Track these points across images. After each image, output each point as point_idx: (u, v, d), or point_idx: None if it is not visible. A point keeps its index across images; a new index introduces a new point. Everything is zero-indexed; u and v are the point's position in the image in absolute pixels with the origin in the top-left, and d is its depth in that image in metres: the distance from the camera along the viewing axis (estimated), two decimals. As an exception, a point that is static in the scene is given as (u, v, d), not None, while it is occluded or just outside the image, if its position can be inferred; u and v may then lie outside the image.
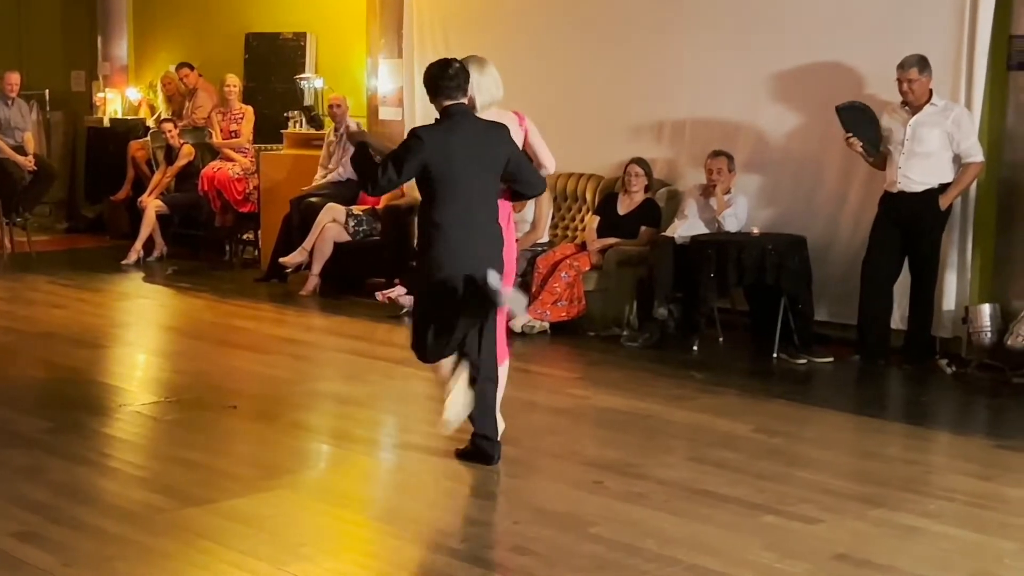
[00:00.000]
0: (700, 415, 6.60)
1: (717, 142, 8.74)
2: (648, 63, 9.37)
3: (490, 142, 5.52)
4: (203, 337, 8.62)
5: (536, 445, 6.06)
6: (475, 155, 5.45)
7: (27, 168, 12.13)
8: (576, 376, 7.84)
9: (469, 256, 5.37)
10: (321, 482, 5.64)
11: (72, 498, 5.17)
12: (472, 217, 5.43)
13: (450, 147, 5.40)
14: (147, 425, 6.41)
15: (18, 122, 12.27)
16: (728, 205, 8.46)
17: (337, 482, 5.62)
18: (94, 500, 5.21)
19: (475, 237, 5.43)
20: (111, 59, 14.27)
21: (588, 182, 9.65)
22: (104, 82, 14.22)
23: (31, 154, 12.23)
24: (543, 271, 8.84)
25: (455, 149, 5.40)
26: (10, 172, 12.06)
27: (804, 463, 5.79)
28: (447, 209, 5.40)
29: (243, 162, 11.96)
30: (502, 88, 5.93)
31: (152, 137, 12.89)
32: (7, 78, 12.24)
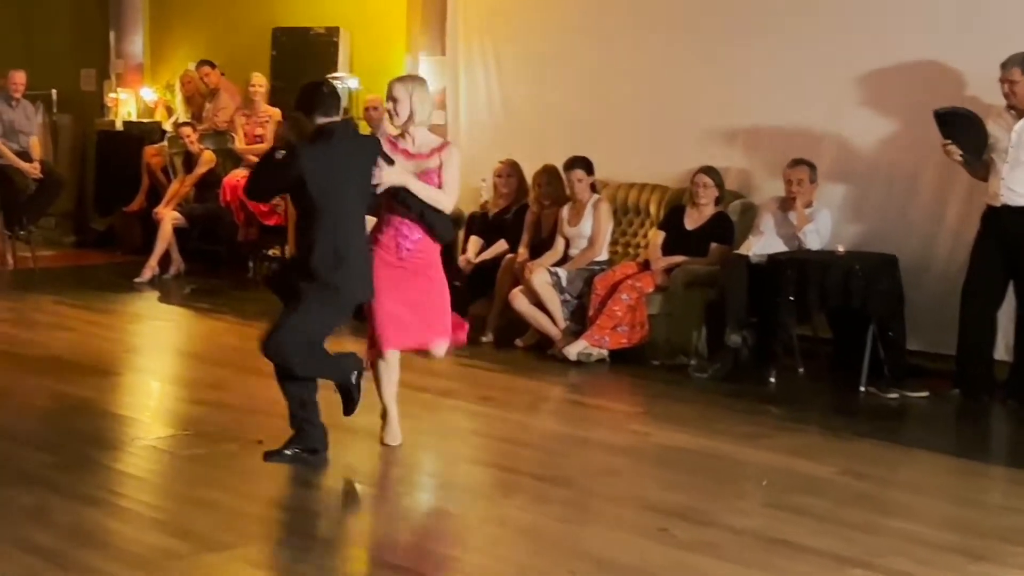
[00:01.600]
0: (778, 455, 6.57)
1: (797, 150, 8.72)
2: (719, 64, 9.37)
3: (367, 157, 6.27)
4: (225, 363, 8.67)
5: (592, 487, 6.06)
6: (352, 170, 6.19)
7: (32, 176, 12.28)
8: (637, 410, 7.82)
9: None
10: (355, 526, 5.66)
11: (80, 542, 5.21)
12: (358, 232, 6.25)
13: (331, 162, 6.10)
14: (162, 461, 6.46)
15: (23, 125, 12.42)
16: (809, 220, 8.43)
17: (372, 526, 5.64)
18: (104, 544, 5.24)
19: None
20: (125, 56, 14.44)
21: (652, 194, 9.65)
22: (117, 81, 14.38)
23: (37, 160, 12.38)
24: (601, 293, 8.84)
25: (335, 165, 6.11)
26: (14, 180, 12.21)
27: (896, 510, 5.75)
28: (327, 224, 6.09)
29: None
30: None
31: (169, 142, 13.01)
32: (11, 77, 12.39)
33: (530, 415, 7.63)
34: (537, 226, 9.53)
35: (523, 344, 9.21)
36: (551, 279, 8.99)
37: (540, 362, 8.78)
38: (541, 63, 10.49)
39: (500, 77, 10.77)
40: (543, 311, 8.98)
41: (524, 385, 8.24)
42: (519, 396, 7.99)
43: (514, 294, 9.08)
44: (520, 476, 6.18)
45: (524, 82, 10.67)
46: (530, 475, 6.18)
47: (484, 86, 10.88)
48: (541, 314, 8.98)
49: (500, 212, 9.87)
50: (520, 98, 10.71)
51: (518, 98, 10.72)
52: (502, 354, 9.03)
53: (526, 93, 10.66)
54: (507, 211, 9.82)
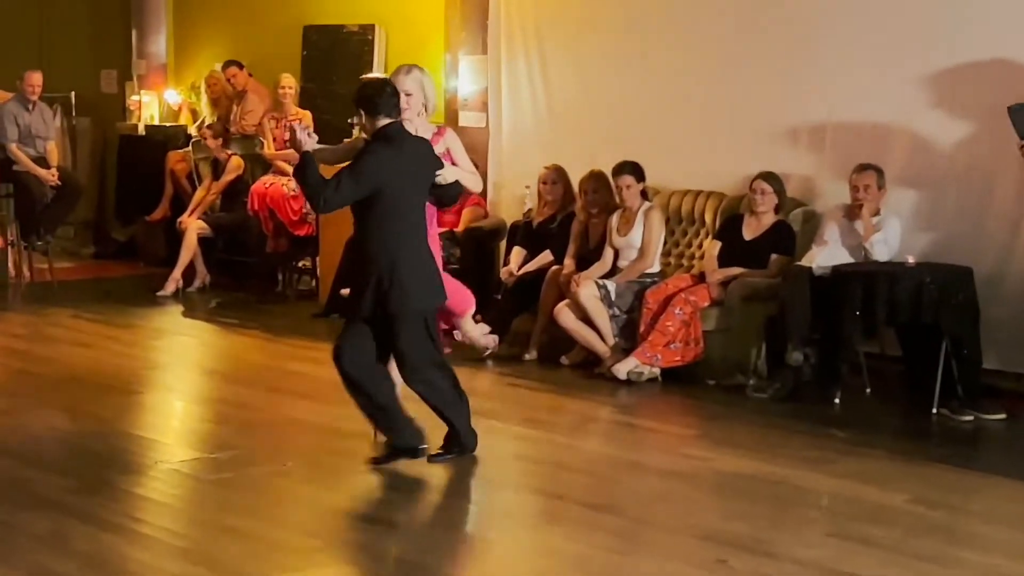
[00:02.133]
0: (843, 481, 6.53)
1: (864, 154, 8.67)
2: (779, 62, 9.34)
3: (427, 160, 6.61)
4: (252, 383, 8.70)
5: (645, 515, 6.04)
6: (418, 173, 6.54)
7: (49, 183, 12.35)
8: (692, 433, 7.79)
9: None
10: (391, 557, 5.65)
11: (99, 571, 5.22)
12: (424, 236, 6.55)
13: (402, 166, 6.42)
14: (186, 486, 6.48)
15: (40, 129, 12.50)
16: (877, 229, 8.38)
17: (409, 557, 5.63)
18: (124, 573, 5.25)
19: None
20: (147, 56, 14.53)
21: (707, 201, 9.62)
22: (139, 83, 14.47)
23: (54, 167, 12.46)
24: (653, 307, 8.82)
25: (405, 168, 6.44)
26: (30, 188, 12.29)
27: (970, 541, 5.71)
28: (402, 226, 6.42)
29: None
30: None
31: (194, 147, 13.09)
32: (28, 79, 12.46)
33: (577, 438, 7.61)
34: (584, 236, 9.51)
35: (569, 362, 9.19)
36: (599, 292, 8.97)
37: (587, 381, 8.76)
38: (589, 62, 10.48)
39: (545, 77, 10.76)
40: (591, 327, 8.96)
41: (570, 406, 8.23)
42: (565, 417, 7.98)
43: (560, 309, 9.07)
44: (567, 503, 6.17)
45: (570, 82, 10.66)
46: (578, 502, 6.17)
47: (528, 87, 10.87)
48: (588, 330, 8.96)
49: (545, 221, 9.86)
50: (566, 99, 10.69)
51: (564, 99, 10.70)
52: (547, 373, 9.01)
53: (573, 94, 10.65)
54: (552, 220, 9.81)
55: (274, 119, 12.36)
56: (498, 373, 9.04)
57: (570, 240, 9.51)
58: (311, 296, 11.87)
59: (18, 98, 12.43)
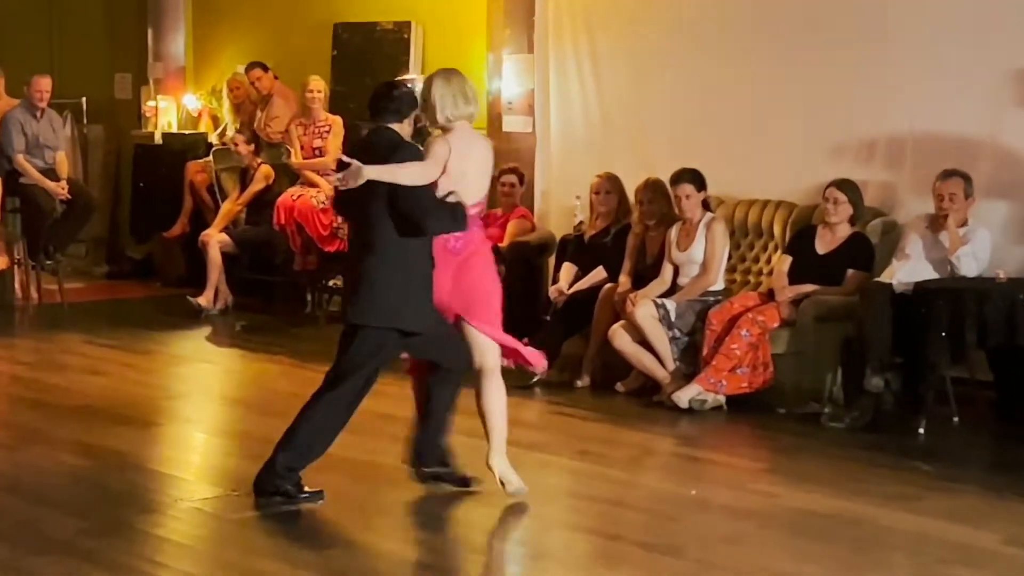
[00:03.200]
0: (930, 520, 6.49)
1: (949, 159, 8.65)
2: (853, 63, 9.36)
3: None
4: (279, 413, 8.67)
5: (710, 558, 6.01)
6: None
7: (59, 197, 12.43)
8: (762, 467, 7.76)
9: None
10: (431, 603, 5.65)
11: (116, 619, 5.26)
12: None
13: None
14: (209, 525, 6.50)
15: (49, 139, 12.58)
16: (964, 241, 8.35)
17: (452, 603, 5.64)
18: (143, 622, 5.29)
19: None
20: (164, 59, 14.63)
21: (777, 212, 9.60)
22: (156, 88, 14.57)
23: (64, 179, 12.54)
24: (717, 328, 8.80)
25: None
26: (38, 202, 12.37)
27: (1072, 587, 5.67)
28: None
29: (329, 188, 12.12)
30: (472, 103, 6.97)
31: (215, 157, 13.15)
32: (35, 84, 12.54)
33: (635, 472, 7.59)
34: (641, 251, 9.50)
35: (625, 389, 9.18)
36: (657, 312, 8.96)
37: (646, 410, 8.75)
38: (644, 61, 10.49)
39: (597, 78, 10.77)
40: (648, 350, 8.95)
41: (627, 437, 8.21)
42: (622, 450, 7.96)
43: (614, 330, 9.06)
44: (625, 544, 6.15)
45: (624, 83, 10.67)
46: (637, 543, 6.16)
47: (578, 89, 10.89)
48: (646, 353, 8.95)
49: (597, 235, 9.86)
50: (620, 102, 10.70)
51: (617, 102, 10.71)
52: (601, 400, 9.02)
53: (627, 96, 10.66)
54: (606, 233, 9.80)
55: (302, 125, 12.40)
56: (547, 401, 9.03)
57: (625, 255, 9.51)
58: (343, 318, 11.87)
59: (25, 105, 12.50)
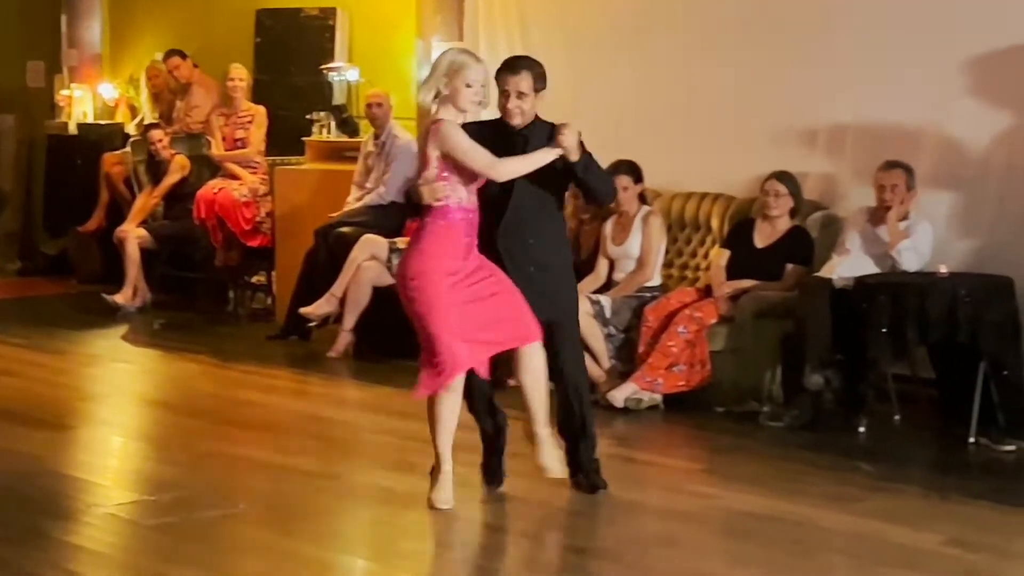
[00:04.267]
0: (870, 521, 6.51)
1: (891, 151, 8.70)
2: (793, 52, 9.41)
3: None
4: (200, 415, 8.68)
5: (645, 562, 6.02)
6: None
7: (-32, 190, 12.37)
8: (699, 468, 7.78)
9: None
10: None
11: (27, 630, 5.22)
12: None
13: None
14: (125, 532, 6.45)
15: (-44, 130, 12.52)
16: (906, 235, 8.40)
17: (378, 611, 5.63)
18: (55, 633, 5.25)
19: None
20: (79, 46, 14.53)
21: (714, 205, 9.64)
22: (70, 76, 14.47)
23: (-27, 172, 12.48)
24: (654, 325, 8.82)
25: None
26: (-54, 197, 12.31)
27: (1015, 588, 5.71)
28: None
29: (252, 180, 12.09)
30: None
31: (133, 148, 13.07)
32: (-57, 72, 12.48)
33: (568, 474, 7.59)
34: (575, 245, 9.51)
35: (559, 388, 9.20)
36: (592, 309, 8.97)
37: (580, 410, 8.74)
38: (579, 50, 10.50)
39: (529, 67, 10.76)
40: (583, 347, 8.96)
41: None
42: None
43: (548, 328, 9.06)
44: (557, 549, 6.18)
45: (558, 73, 10.58)
46: (569, 547, 6.18)
47: (511, 79, 10.87)
48: (581, 352, 8.97)
49: (531, 229, 9.86)
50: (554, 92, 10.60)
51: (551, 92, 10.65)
52: (534, 400, 9.00)
53: (561, 86, 10.57)
54: (539, 227, 9.80)
55: (223, 115, 12.35)
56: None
57: (559, 250, 9.51)
58: (266, 316, 11.86)
59: (-69, 94, 12.44)
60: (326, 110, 11.88)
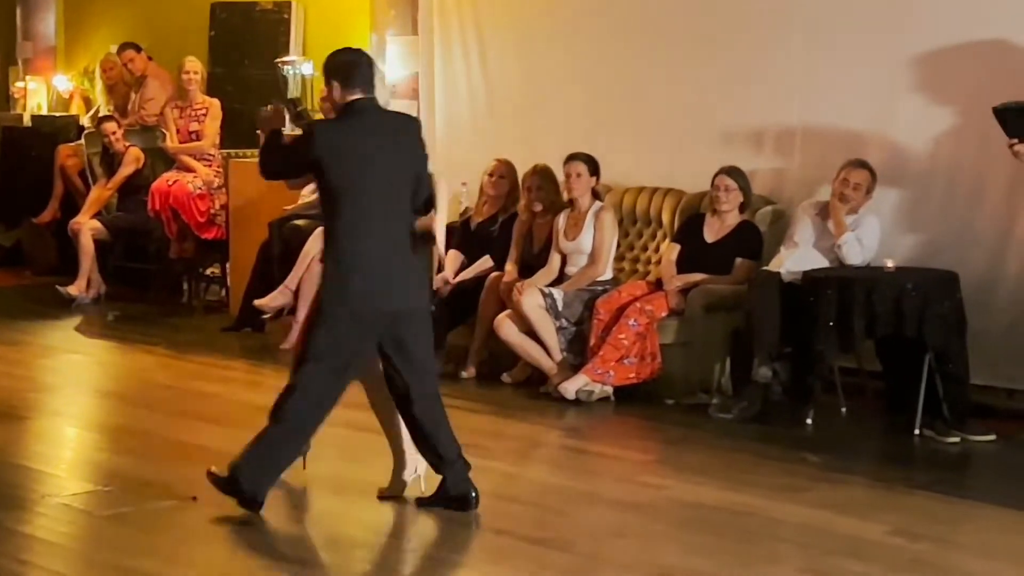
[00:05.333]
0: (817, 511, 6.56)
1: (840, 147, 8.75)
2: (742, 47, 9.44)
3: (410, 139, 6.40)
4: (153, 406, 8.66)
5: (597, 551, 6.05)
6: (394, 154, 6.28)
7: (-78, 181, 12.28)
8: (650, 459, 7.81)
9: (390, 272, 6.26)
10: (310, 600, 5.65)
11: (-19, 620, 5.20)
12: (392, 223, 6.29)
13: (363, 144, 6.23)
14: (79, 522, 6.44)
15: (-90, 121, 12.43)
16: (849, 228, 8.43)
17: (332, 600, 5.63)
18: (10, 622, 5.24)
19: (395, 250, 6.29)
20: (34, 38, 14.46)
21: (665, 199, 9.66)
22: (24, 68, 14.39)
23: (-73, 163, 12.39)
24: (605, 318, 8.84)
25: (369, 147, 6.23)
26: (-102, 187, 12.21)
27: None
28: (361, 213, 6.22)
29: (206, 173, 12.06)
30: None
31: (88, 140, 13.02)
32: None
33: (521, 465, 7.61)
34: (528, 239, 9.53)
35: (511, 380, 9.20)
36: (544, 302, 8.98)
37: (532, 402, 8.77)
38: (534, 45, 10.51)
39: (483, 62, 10.78)
40: (535, 340, 8.97)
41: (514, 429, 8.23)
42: (508, 442, 7.97)
43: (500, 320, 9.08)
44: (511, 539, 6.16)
45: (513, 68, 10.69)
46: (522, 537, 6.17)
47: (464, 73, 10.89)
48: (533, 344, 8.98)
49: (484, 222, 9.87)
50: (508, 87, 10.73)
51: (506, 87, 10.74)
52: (487, 392, 9.03)
53: (515, 81, 10.68)
54: (493, 221, 9.82)
55: (177, 108, 12.32)
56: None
57: (512, 243, 9.53)
58: (221, 307, 11.83)
59: None
60: (281, 103, 11.82)
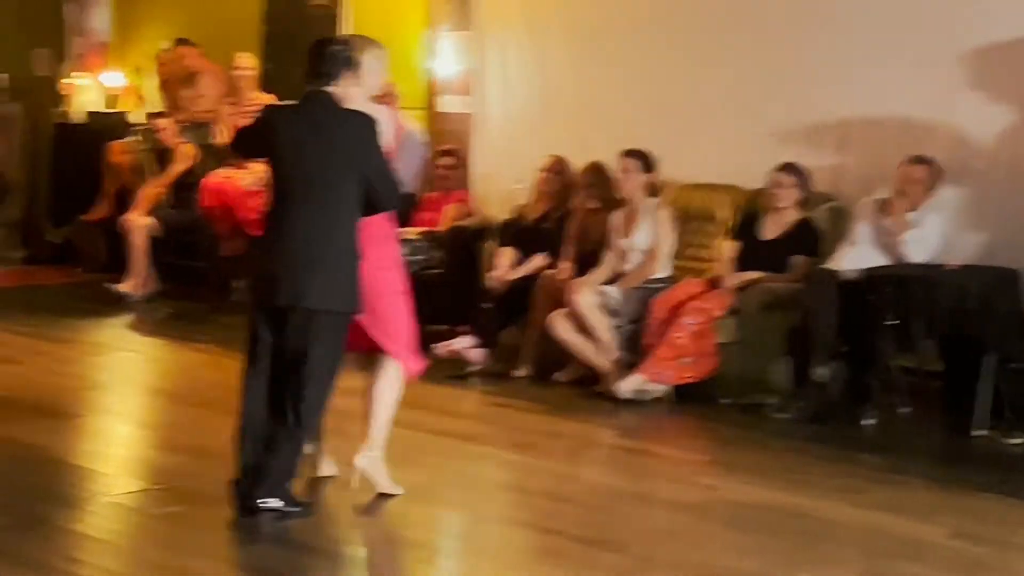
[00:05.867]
0: (875, 513, 6.56)
1: (900, 144, 8.74)
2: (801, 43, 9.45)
3: (347, 136, 6.34)
4: (205, 403, 8.70)
5: (650, 552, 6.06)
6: (326, 148, 6.27)
7: (-27, 178, 12.38)
8: (705, 459, 7.84)
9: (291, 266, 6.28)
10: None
11: (32, 617, 5.25)
12: (311, 219, 6.25)
13: (296, 134, 6.30)
14: (131, 521, 6.50)
15: (-38, 117, 12.53)
16: (911, 225, 8.41)
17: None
18: (61, 620, 5.29)
19: (306, 246, 6.25)
20: (86, 33, 14.52)
21: (722, 196, 9.65)
22: (76, 64, 14.47)
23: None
24: (661, 316, 8.84)
25: (301, 137, 6.28)
26: (-49, 185, 12.33)
27: (1019, 581, 5.75)
28: (284, 205, 6.33)
29: (258, 169, 12.10)
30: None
31: (140, 137, 13.08)
32: (-52, 60, 12.49)
33: (574, 465, 7.64)
34: (583, 236, 9.54)
35: (565, 379, 9.22)
36: (599, 300, 9.00)
37: (586, 401, 8.79)
38: (589, 40, 10.51)
39: (538, 58, 10.78)
40: (589, 339, 9.00)
41: (567, 429, 8.25)
42: (561, 442, 8.00)
43: (555, 318, 9.10)
44: (563, 539, 6.18)
45: (567, 65, 10.68)
46: (575, 538, 6.19)
47: (518, 69, 10.89)
48: (587, 343, 9.00)
49: (538, 219, 9.89)
50: (562, 84, 10.72)
51: (559, 84, 10.73)
52: (540, 391, 9.05)
53: (569, 78, 10.67)
54: (547, 218, 9.83)
55: (230, 104, 12.37)
56: (485, 392, 9.06)
57: (566, 241, 9.54)
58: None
59: (-64, 82, 12.46)
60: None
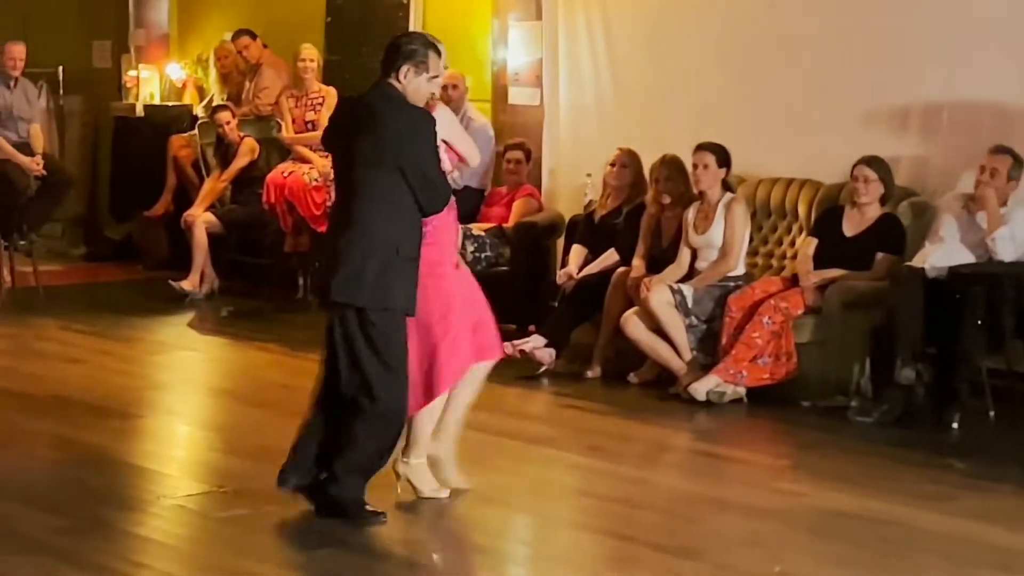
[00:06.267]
0: (964, 522, 6.51)
1: (987, 132, 8.66)
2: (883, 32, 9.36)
3: (396, 130, 6.43)
4: (267, 405, 8.73)
5: (729, 560, 6.02)
6: (370, 141, 6.37)
7: (34, 173, 12.41)
8: (784, 464, 7.78)
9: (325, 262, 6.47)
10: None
11: (93, 624, 5.26)
12: (344, 219, 6.34)
13: (348, 126, 6.47)
14: (193, 524, 6.52)
15: (23, 110, 12.55)
16: (1004, 221, 8.33)
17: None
18: (123, 627, 5.30)
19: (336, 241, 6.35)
20: (147, 25, 14.61)
21: (801, 191, 9.60)
22: (137, 56, 14.55)
23: (39, 154, 12.52)
24: (738, 315, 8.80)
25: (352, 129, 6.43)
26: (11, 179, 12.34)
27: (1117, 593, 5.67)
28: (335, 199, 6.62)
29: (323, 164, 12.12)
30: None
31: (201, 130, 13.14)
32: (8, 51, 12.49)
33: (649, 469, 7.62)
34: (656, 232, 9.49)
35: (639, 380, 9.19)
36: (674, 298, 8.95)
37: (660, 403, 8.77)
38: (662, 30, 10.48)
39: (610, 48, 10.76)
40: (664, 338, 8.94)
41: (641, 432, 8.23)
42: (635, 445, 7.98)
43: (627, 317, 9.06)
44: (637, 546, 6.16)
45: (640, 54, 10.66)
46: (650, 545, 6.17)
47: (590, 59, 10.87)
48: (661, 342, 8.95)
49: (609, 215, 9.85)
50: (635, 74, 10.69)
51: (632, 74, 10.71)
52: (612, 392, 9.03)
53: (642, 68, 10.65)
54: (617, 213, 9.79)
55: (293, 97, 12.41)
56: (555, 393, 9.04)
57: (639, 237, 9.49)
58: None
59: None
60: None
